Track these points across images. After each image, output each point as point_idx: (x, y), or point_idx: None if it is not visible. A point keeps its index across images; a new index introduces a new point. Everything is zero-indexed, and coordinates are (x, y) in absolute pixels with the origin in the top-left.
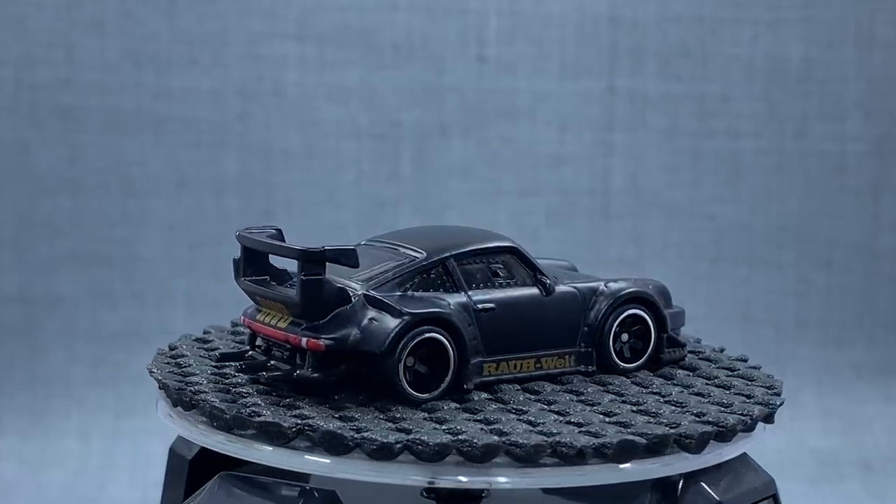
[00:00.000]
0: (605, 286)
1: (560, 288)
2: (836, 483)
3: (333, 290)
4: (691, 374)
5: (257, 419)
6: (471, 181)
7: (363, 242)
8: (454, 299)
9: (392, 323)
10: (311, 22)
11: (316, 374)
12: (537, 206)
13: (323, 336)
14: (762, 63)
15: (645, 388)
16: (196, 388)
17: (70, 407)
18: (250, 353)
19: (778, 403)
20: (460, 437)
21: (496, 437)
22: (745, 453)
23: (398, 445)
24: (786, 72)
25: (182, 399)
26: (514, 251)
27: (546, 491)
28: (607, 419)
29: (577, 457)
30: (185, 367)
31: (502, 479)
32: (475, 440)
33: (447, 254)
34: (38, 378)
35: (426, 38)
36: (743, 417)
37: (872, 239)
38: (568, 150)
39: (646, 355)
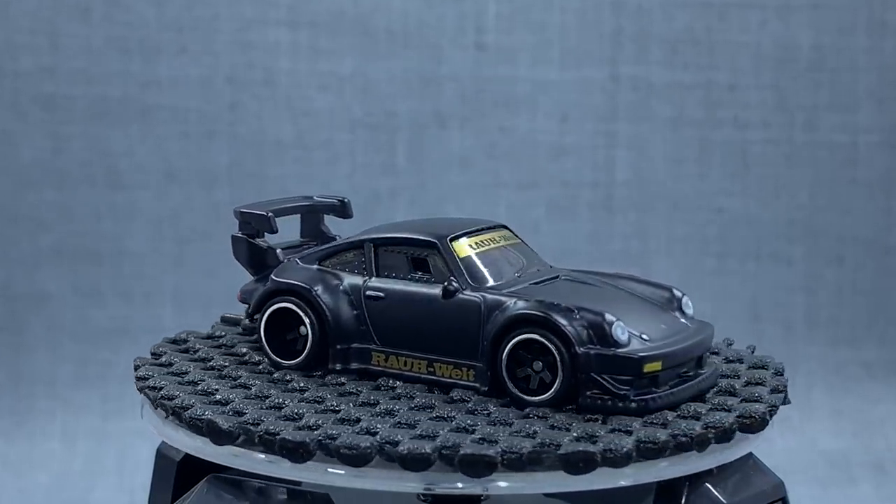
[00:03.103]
0: (514, 303)
1: (463, 295)
2: (847, 486)
3: (258, 251)
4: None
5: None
6: (469, 173)
7: None
8: (348, 280)
9: (263, 288)
10: (304, 8)
11: (248, 323)
12: (537, 198)
13: (241, 288)
14: (771, 50)
15: None
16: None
17: (55, 408)
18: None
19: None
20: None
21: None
22: (751, 454)
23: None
24: (795, 60)
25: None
26: (435, 247)
27: (548, 495)
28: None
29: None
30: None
31: (502, 485)
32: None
33: (366, 237)
34: (23, 378)
35: (422, 24)
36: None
37: (885, 234)
38: (569, 141)
39: (551, 391)
